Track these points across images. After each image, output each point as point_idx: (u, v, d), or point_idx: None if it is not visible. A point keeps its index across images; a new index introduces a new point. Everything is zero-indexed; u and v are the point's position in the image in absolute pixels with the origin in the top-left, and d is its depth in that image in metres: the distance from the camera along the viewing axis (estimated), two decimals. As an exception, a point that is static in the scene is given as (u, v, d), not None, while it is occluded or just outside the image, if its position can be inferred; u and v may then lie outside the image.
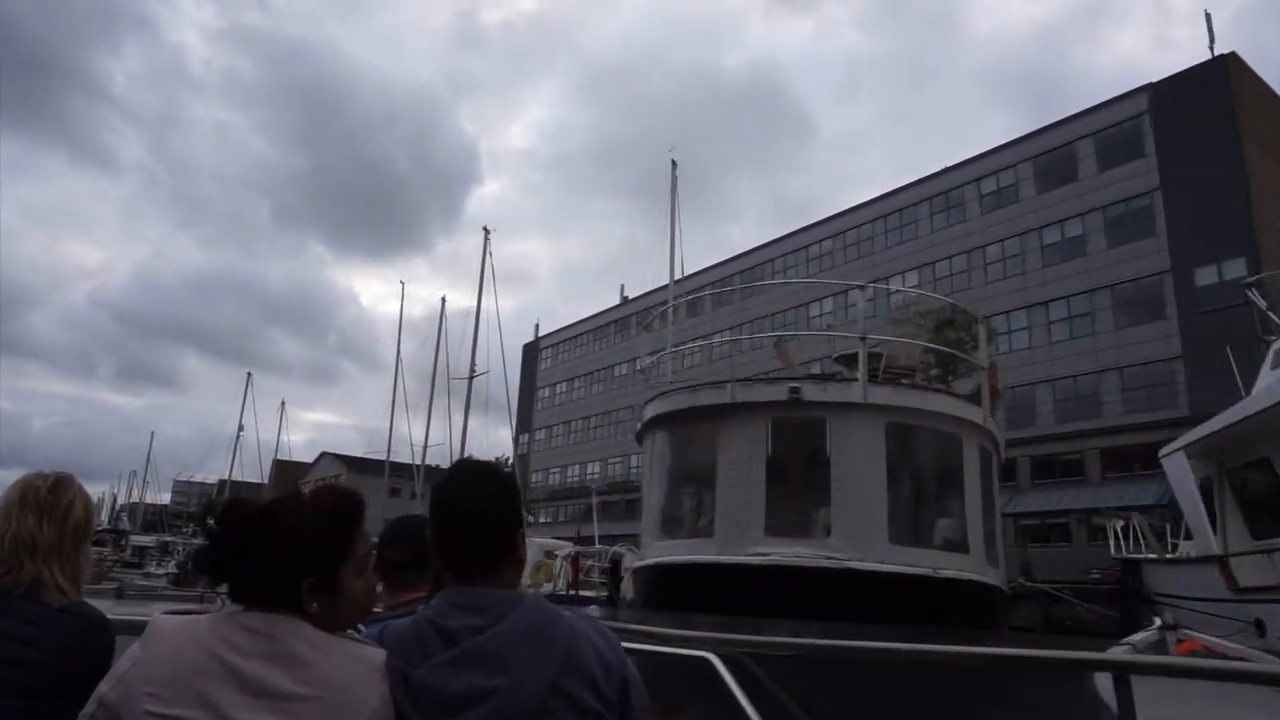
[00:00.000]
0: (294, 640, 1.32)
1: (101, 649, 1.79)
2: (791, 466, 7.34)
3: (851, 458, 6.57)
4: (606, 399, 66.85)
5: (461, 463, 1.68)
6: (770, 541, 6.59)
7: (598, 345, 69.91)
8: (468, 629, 1.40)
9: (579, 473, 67.47)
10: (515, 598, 1.46)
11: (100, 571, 29.69)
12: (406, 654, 1.39)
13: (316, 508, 1.43)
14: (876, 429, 6.65)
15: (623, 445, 63.92)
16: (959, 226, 44.28)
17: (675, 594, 7.21)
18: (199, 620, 1.35)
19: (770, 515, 6.65)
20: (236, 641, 1.30)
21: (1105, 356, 37.38)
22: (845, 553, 6.41)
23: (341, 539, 1.43)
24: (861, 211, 50.45)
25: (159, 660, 1.30)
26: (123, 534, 55.36)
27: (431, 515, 1.55)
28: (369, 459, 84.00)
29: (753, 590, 6.47)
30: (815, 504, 7.06)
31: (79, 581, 1.90)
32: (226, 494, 58.00)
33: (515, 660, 1.38)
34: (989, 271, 42.52)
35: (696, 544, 7.20)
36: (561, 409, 71.59)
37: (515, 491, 1.60)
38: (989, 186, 43.46)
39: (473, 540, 1.50)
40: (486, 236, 37.38)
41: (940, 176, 46.19)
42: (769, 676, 3.21)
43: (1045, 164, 41.04)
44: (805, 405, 6.64)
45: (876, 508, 6.57)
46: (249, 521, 1.38)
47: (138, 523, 68.47)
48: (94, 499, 2.15)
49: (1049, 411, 38.96)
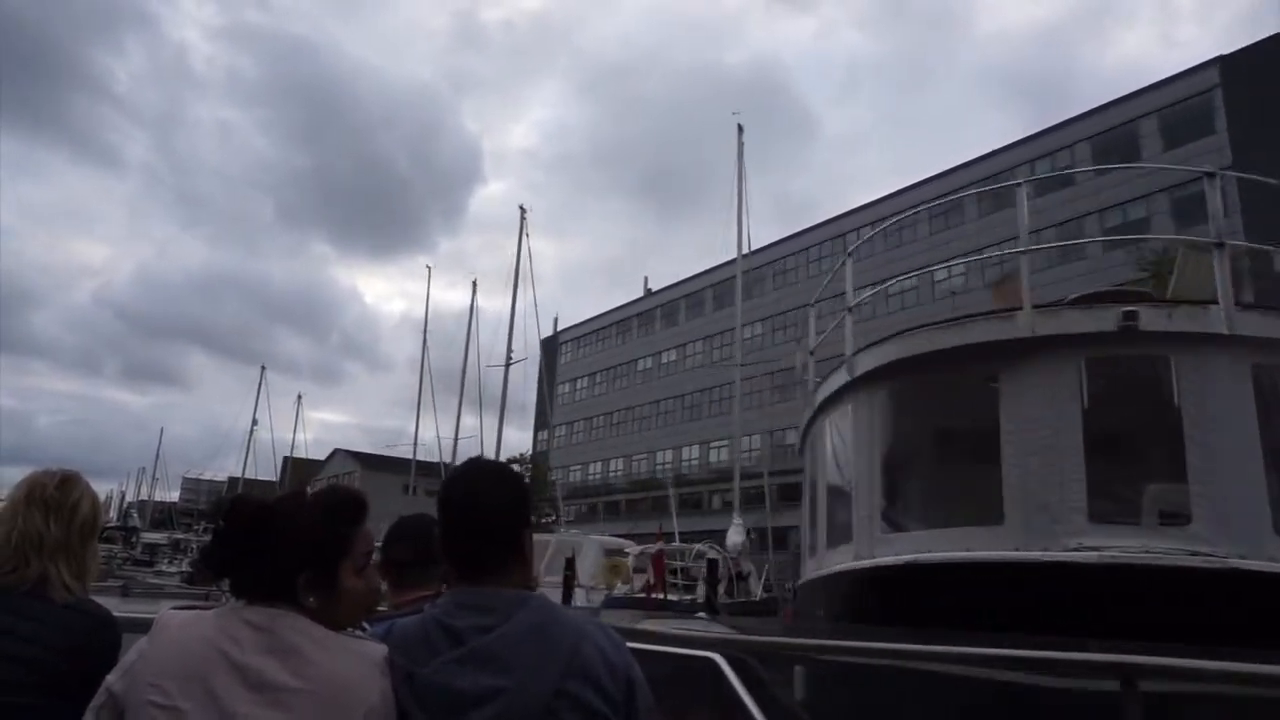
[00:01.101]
0: (294, 635, 1.34)
1: (107, 646, 1.79)
2: (1120, 426, 5.35)
3: (1213, 413, 4.60)
4: (630, 394, 64.87)
5: (470, 461, 1.68)
6: (1096, 531, 4.63)
7: (620, 340, 67.92)
8: (474, 629, 1.40)
9: (600, 470, 65.47)
10: (522, 598, 1.46)
11: (108, 569, 28.11)
12: (412, 653, 1.40)
13: (318, 506, 1.46)
14: (1243, 372, 4.67)
15: (647, 441, 62.02)
16: (1009, 211, 42.23)
17: (921, 604, 5.26)
18: (204, 615, 1.37)
19: (1094, 495, 4.67)
20: (238, 635, 1.33)
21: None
22: (1219, 546, 4.46)
23: (340, 537, 1.44)
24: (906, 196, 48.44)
25: (163, 653, 1.32)
26: (133, 531, 53.54)
27: (439, 514, 1.55)
28: (383, 455, 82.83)
29: (1081, 600, 4.51)
30: (1158, 479, 5.09)
31: (85, 579, 1.91)
32: (239, 491, 56.31)
33: (521, 661, 1.38)
34: (1047, 256, 40.40)
35: (965, 536, 5.21)
36: (582, 405, 69.60)
37: (524, 491, 1.59)
38: (1043, 168, 41.45)
39: (480, 540, 1.50)
40: (523, 216, 35.40)
41: (986, 160, 44.18)
42: (773, 677, 3.43)
43: (1104, 144, 38.98)
44: (1141, 339, 4.64)
45: (1252, 483, 4.59)
46: (253, 517, 1.41)
47: (146, 520, 66.97)
48: (100, 497, 2.10)
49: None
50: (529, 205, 36.29)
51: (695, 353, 59.91)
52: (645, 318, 65.72)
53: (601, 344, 69.53)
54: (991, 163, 43.90)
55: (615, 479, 63.38)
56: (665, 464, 59.79)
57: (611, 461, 64.84)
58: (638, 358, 65.23)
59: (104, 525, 23.52)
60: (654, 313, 64.99)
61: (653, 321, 64.97)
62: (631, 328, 66.83)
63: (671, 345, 62.20)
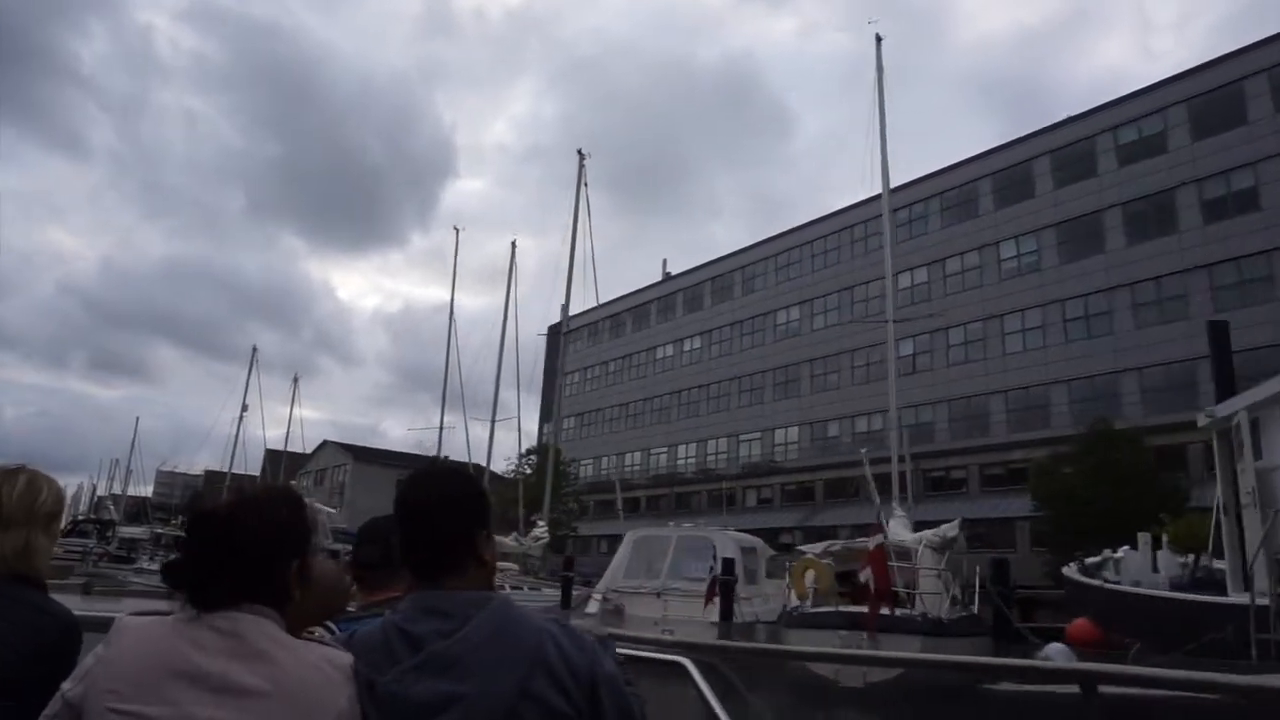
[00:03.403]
0: (261, 639, 1.30)
1: (68, 650, 1.73)
2: None
3: None
4: (648, 384, 60.75)
5: (428, 464, 1.75)
6: None
7: (636, 326, 63.79)
8: (434, 633, 1.39)
9: (615, 464, 61.26)
10: (482, 599, 1.44)
11: (82, 566, 26.43)
12: (373, 660, 1.37)
13: (264, 509, 1.39)
14: None
15: (668, 434, 57.96)
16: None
17: None
18: (164, 620, 1.33)
19: None
20: (201, 640, 1.28)
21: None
22: None
23: (295, 539, 1.41)
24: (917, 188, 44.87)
25: (122, 658, 1.28)
26: (109, 525, 48.77)
27: (396, 517, 1.53)
28: (375, 448, 78.34)
29: None
30: None
31: (32, 560, 1.81)
32: (226, 484, 52.52)
33: (482, 665, 1.36)
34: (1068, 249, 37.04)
35: None
36: (595, 395, 65.36)
37: (481, 492, 1.58)
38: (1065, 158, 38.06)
39: (437, 543, 1.49)
40: (581, 162, 31.19)
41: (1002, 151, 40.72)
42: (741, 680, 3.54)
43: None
44: None
45: None
46: (216, 527, 1.35)
47: (119, 514, 62.14)
48: (68, 490, 1.93)
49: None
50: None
51: (723, 339, 55.96)
52: (665, 303, 61.65)
53: (615, 331, 65.36)
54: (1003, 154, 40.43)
55: (632, 474, 59.21)
56: (689, 458, 55.80)
57: (628, 455, 60.68)
58: (657, 345, 61.14)
59: (77, 517, 18.39)
60: (675, 297, 60.94)
61: (673, 307, 60.92)
62: (649, 313, 62.71)
63: (696, 331, 58.18)
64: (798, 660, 5.77)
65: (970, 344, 41.68)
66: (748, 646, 6.86)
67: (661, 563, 15.46)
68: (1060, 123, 40.73)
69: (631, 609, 14.84)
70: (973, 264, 42.58)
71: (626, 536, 16.23)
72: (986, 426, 40.10)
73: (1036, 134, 41.63)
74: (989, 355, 40.70)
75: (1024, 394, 39.16)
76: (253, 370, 56.46)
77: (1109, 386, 36.05)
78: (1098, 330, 37.09)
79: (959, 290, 42.71)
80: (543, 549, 25.75)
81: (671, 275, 62.88)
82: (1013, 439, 38.59)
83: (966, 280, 42.64)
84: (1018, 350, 39.77)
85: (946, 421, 41.92)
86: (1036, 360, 38.75)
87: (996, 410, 40.05)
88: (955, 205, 44.62)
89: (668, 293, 61.78)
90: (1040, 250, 39.94)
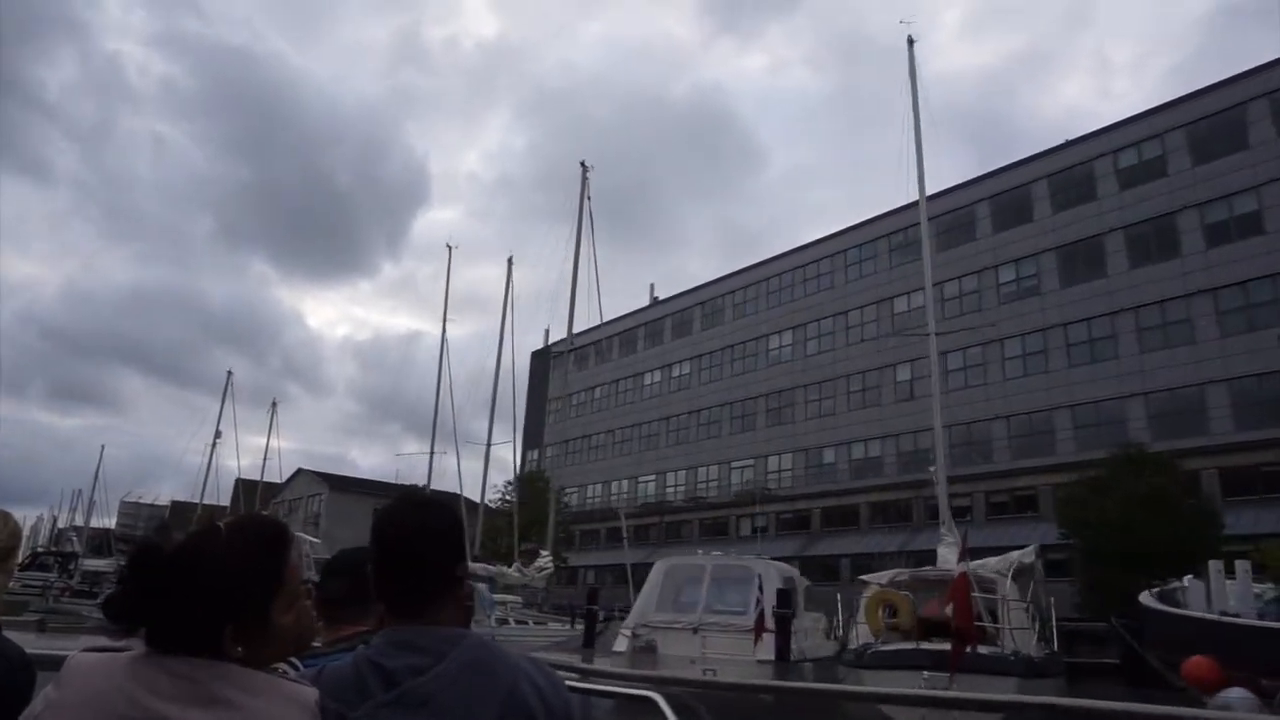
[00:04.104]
0: (218, 683, 1.22)
1: (20, 690, 1.68)
2: None
3: None
4: (636, 410, 59.48)
5: (405, 494, 1.65)
6: None
7: (623, 352, 62.62)
8: (408, 669, 1.35)
9: (601, 492, 59.74)
10: (458, 636, 1.42)
11: (23, 601, 25.36)
12: (344, 696, 1.33)
13: (233, 543, 1.30)
14: None
15: (656, 461, 56.61)
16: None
17: None
18: (117, 659, 1.25)
19: None
20: (155, 684, 1.21)
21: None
22: None
23: (265, 576, 1.31)
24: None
25: (73, 700, 1.22)
26: (71, 557, 46.28)
27: (372, 548, 1.49)
28: (351, 477, 76.02)
29: None
30: None
31: None
32: (198, 514, 50.77)
33: (455, 702, 1.33)
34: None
35: None
36: (579, 422, 63.91)
37: (458, 524, 1.54)
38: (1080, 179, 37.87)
39: (413, 576, 1.45)
40: (585, 173, 30.10)
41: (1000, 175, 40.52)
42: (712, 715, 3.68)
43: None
44: None
45: None
46: (159, 564, 1.26)
47: (82, 547, 59.39)
48: (26, 523, 1.86)
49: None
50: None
51: (713, 364, 54.95)
52: (653, 328, 60.59)
53: (600, 357, 64.11)
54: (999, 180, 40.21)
55: (619, 502, 57.66)
56: (678, 486, 54.46)
57: (614, 483, 59.18)
58: (644, 371, 59.97)
59: (37, 550, 17.11)
60: (663, 322, 59.92)
61: (661, 332, 59.88)
62: (637, 339, 61.60)
63: (686, 357, 57.11)
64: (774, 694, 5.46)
65: (970, 369, 41.03)
66: (722, 682, 6.58)
67: (694, 594, 14.16)
68: (1058, 147, 40.56)
69: (664, 646, 13.51)
70: (970, 288, 42.07)
71: (656, 566, 14.89)
72: (990, 452, 39.30)
73: (1033, 158, 41.43)
74: (989, 380, 40.06)
75: (1027, 420, 38.45)
76: (227, 395, 54.35)
77: (1115, 412, 35.44)
78: (1102, 355, 36.56)
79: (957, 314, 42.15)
80: (546, 580, 24.33)
81: (660, 300, 61.91)
82: (1016, 465, 37.81)
83: (965, 304, 42.07)
84: (1018, 375, 39.16)
85: (949, 447, 41.02)
86: (1039, 385, 38.13)
87: (999, 435, 39.29)
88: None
89: (655, 318, 60.76)
90: (1040, 274, 39.50)
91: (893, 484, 42.22)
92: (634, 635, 13.80)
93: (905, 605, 11.79)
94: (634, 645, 13.66)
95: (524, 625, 21.54)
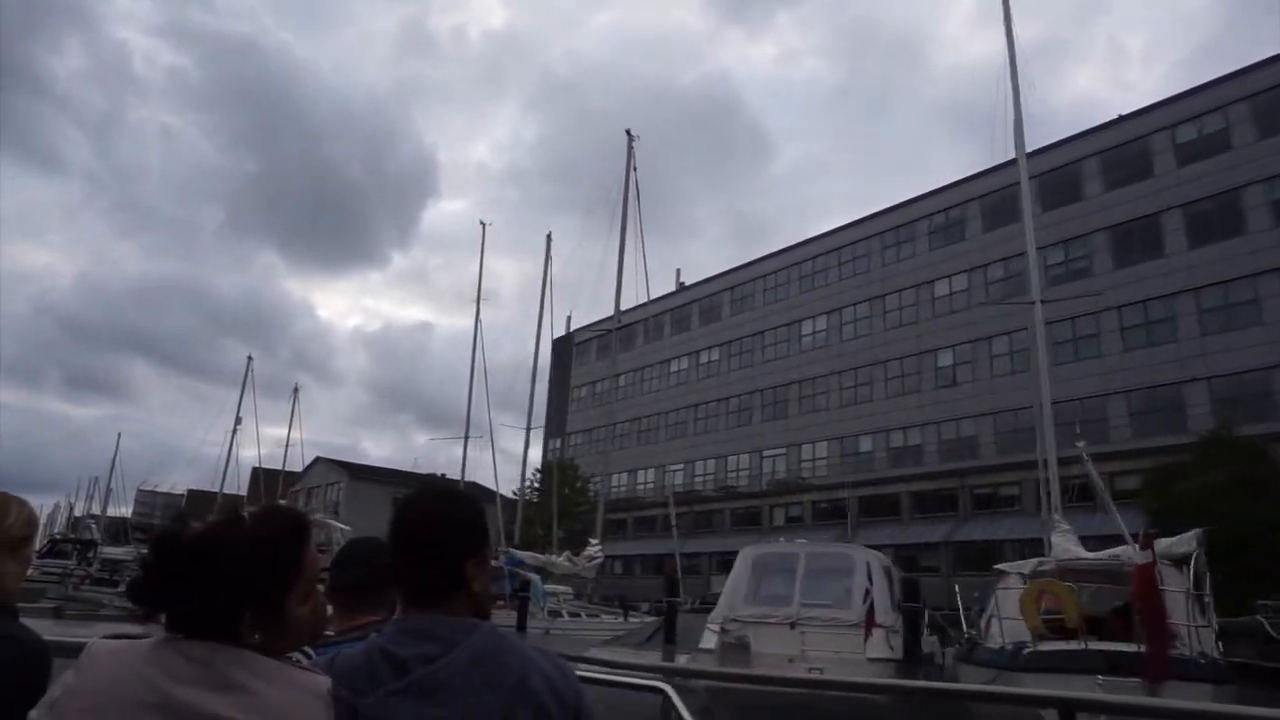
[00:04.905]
0: (234, 668, 1.25)
1: (37, 675, 1.68)
2: None
3: None
4: (662, 399, 58.17)
5: (426, 483, 1.64)
6: None
7: (649, 339, 61.30)
8: (419, 657, 1.36)
9: (626, 482, 58.51)
10: (469, 626, 1.42)
11: (39, 589, 25.04)
12: (356, 683, 1.34)
13: (256, 533, 1.33)
14: None
15: (684, 450, 55.35)
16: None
17: None
18: (136, 646, 1.28)
19: None
20: (173, 669, 1.23)
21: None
22: None
23: (285, 566, 1.33)
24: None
25: (92, 687, 1.24)
26: (90, 545, 45.46)
27: (390, 538, 1.50)
28: (369, 465, 75.14)
29: None
30: None
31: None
32: (218, 502, 50.06)
33: (466, 690, 1.34)
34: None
35: None
36: (603, 411, 62.63)
37: (479, 515, 1.53)
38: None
39: (431, 565, 1.45)
40: (631, 142, 28.76)
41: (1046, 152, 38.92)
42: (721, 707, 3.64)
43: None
44: None
45: None
46: (182, 551, 1.27)
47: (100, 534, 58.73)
48: (42, 511, 1.69)
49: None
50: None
51: (743, 350, 53.59)
52: (680, 314, 59.20)
53: (625, 344, 62.78)
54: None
55: (644, 492, 56.48)
56: (707, 475, 53.19)
57: (640, 472, 57.94)
58: (670, 358, 58.63)
59: (55, 536, 15.70)
60: (690, 308, 58.54)
61: (689, 318, 58.51)
62: (664, 325, 60.23)
63: (714, 343, 55.76)
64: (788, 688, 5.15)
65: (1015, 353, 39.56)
66: (732, 673, 6.41)
67: (787, 586, 12.87)
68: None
69: (758, 643, 12.23)
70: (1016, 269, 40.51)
71: (742, 554, 13.61)
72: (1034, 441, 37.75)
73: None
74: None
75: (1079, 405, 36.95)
76: (247, 381, 53.38)
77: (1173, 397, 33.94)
78: (1161, 339, 35.05)
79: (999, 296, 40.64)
80: (596, 570, 23.13)
81: (686, 286, 60.52)
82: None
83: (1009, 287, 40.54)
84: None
85: (992, 437, 39.64)
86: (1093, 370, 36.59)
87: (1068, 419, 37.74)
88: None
89: (682, 303, 59.36)
90: (1091, 255, 37.94)
91: (935, 473, 40.89)
92: (723, 631, 12.53)
93: (1069, 599, 10.45)
94: (724, 642, 12.39)
95: (576, 618, 20.36)
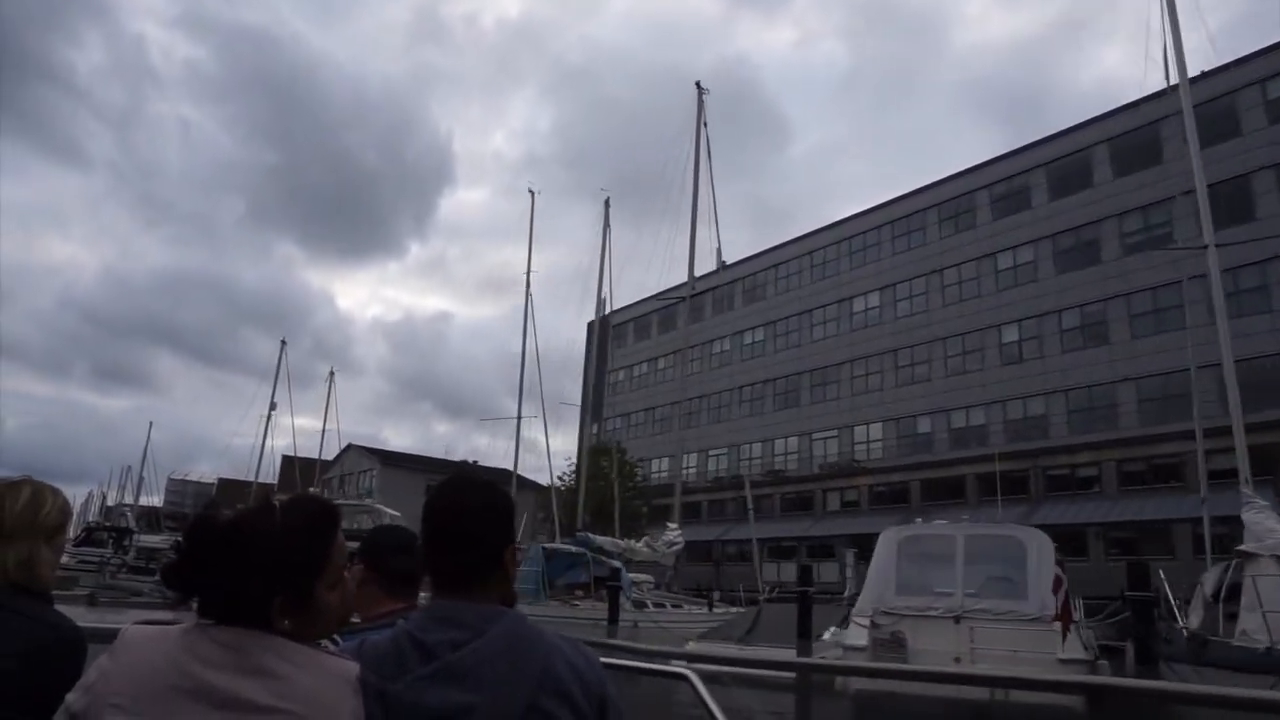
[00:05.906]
0: (264, 654, 1.27)
1: (71, 662, 1.68)
2: None
3: None
4: (703, 381, 56.38)
5: (457, 473, 1.66)
6: None
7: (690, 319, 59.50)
8: (446, 643, 1.38)
9: (667, 467, 56.82)
10: (496, 613, 1.44)
11: (73, 576, 24.90)
12: (384, 669, 1.36)
13: (287, 521, 1.35)
14: None
15: (728, 433, 53.62)
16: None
17: None
18: (169, 631, 1.31)
19: None
20: (205, 654, 1.26)
21: None
22: None
23: (315, 554, 1.36)
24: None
25: (126, 671, 1.27)
26: (125, 533, 44.48)
27: (423, 526, 1.53)
28: (402, 452, 74.06)
29: None
30: None
31: (35, 570, 1.77)
32: (252, 490, 49.02)
33: (493, 677, 1.36)
34: None
35: None
36: (643, 394, 61.03)
37: (509, 506, 1.57)
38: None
39: (462, 553, 1.48)
40: (700, 95, 26.96)
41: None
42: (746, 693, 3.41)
43: None
44: None
45: None
46: (216, 537, 1.30)
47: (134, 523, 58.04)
48: (75, 501, 1.89)
49: None
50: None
51: (789, 330, 51.75)
52: (722, 293, 57.35)
53: (665, 325, 61.08)
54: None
55: (688, 477, 54.82)
56: (753, 459, 51.45)
57: (683, 456, 56.21)
58: (713, 339, 56.85)
59: (90, 524, 13.32)
60: (733, 287, 56.66)
61: (732, 297, 56.67)
62: (705, 304, 58.43)
63: (758, 323, 53.92)
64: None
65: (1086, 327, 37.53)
66: (755, 659, 7.01)
67: (945, 572, 11.16)
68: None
69: (915, 639, 10.54)
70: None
71: (884, 537, 11.91)
72: (1115, 418, 35.80)
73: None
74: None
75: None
76: (282, 365, 52.21)
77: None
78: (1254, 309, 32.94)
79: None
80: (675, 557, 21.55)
81: (728, 265, 58.60)
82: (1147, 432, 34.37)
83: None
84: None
85: (1065, 414, 37.64)
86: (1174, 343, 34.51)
87: (1125, 400, 35.77)
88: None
89: (725, 282, 57.49)
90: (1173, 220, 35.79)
91: (1002, 454, 38.99)
92: (874, 625, 10.84)
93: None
94: (876, 637, 10.72)
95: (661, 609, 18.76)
